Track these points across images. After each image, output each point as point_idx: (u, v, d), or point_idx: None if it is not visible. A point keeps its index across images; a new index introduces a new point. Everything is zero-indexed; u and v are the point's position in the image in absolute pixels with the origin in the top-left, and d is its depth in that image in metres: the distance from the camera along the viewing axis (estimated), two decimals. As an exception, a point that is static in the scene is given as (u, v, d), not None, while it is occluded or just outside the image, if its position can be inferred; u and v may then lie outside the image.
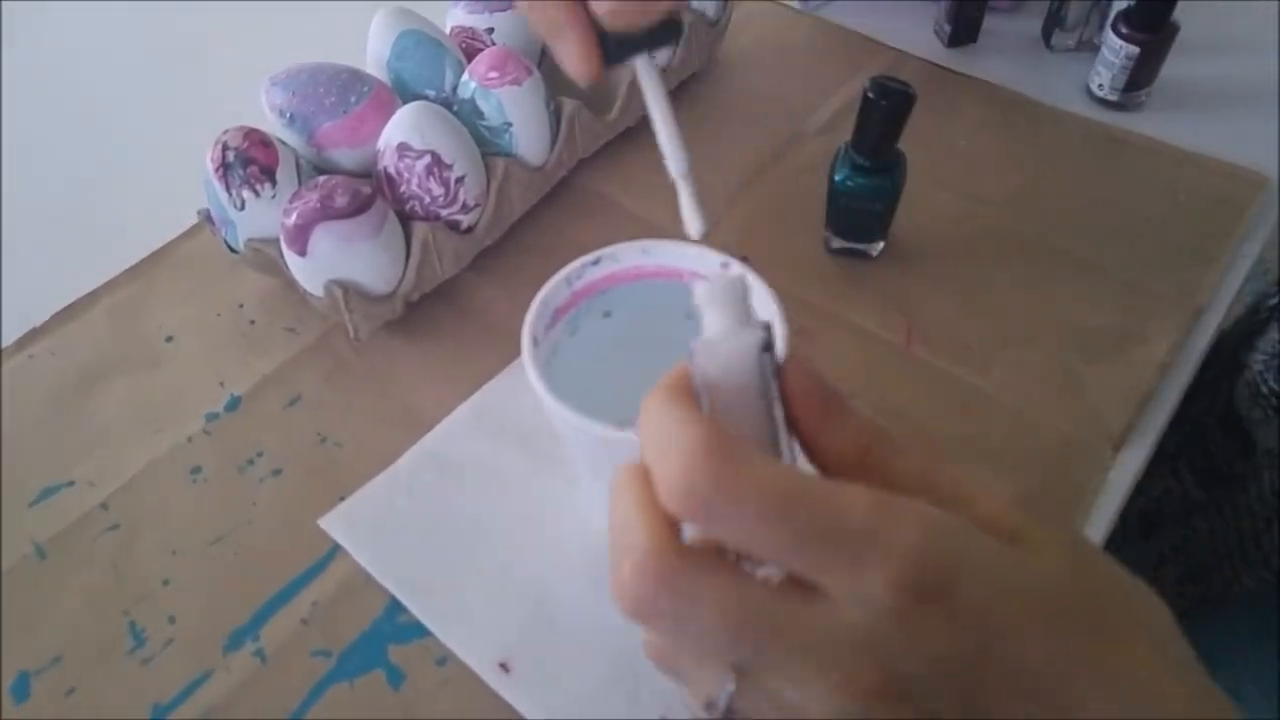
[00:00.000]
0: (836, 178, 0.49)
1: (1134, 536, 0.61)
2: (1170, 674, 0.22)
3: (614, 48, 0.29)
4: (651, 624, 0.22)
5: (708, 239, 0.33)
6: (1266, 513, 0.56)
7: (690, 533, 0.22)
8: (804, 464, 0.24)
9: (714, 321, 0.23)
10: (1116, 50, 0.59)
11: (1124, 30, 0.59)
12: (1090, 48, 0.65)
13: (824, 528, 0.20)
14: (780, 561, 0.21)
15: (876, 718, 0.21)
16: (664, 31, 0.30)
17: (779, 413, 0.23)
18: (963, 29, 0.66)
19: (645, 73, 0.30)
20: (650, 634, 0.24)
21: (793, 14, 0.71)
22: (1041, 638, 0.21)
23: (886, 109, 0.46)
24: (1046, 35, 0.67)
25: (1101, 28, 0.64)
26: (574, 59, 0.26)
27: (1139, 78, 0.60)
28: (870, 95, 0.45)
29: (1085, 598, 0.22)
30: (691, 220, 0.32)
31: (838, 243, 0.52)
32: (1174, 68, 0.60)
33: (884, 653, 0.21)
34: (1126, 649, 0.22)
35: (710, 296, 0.23)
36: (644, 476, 0.22)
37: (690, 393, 0.23)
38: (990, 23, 0.67)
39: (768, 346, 0.23)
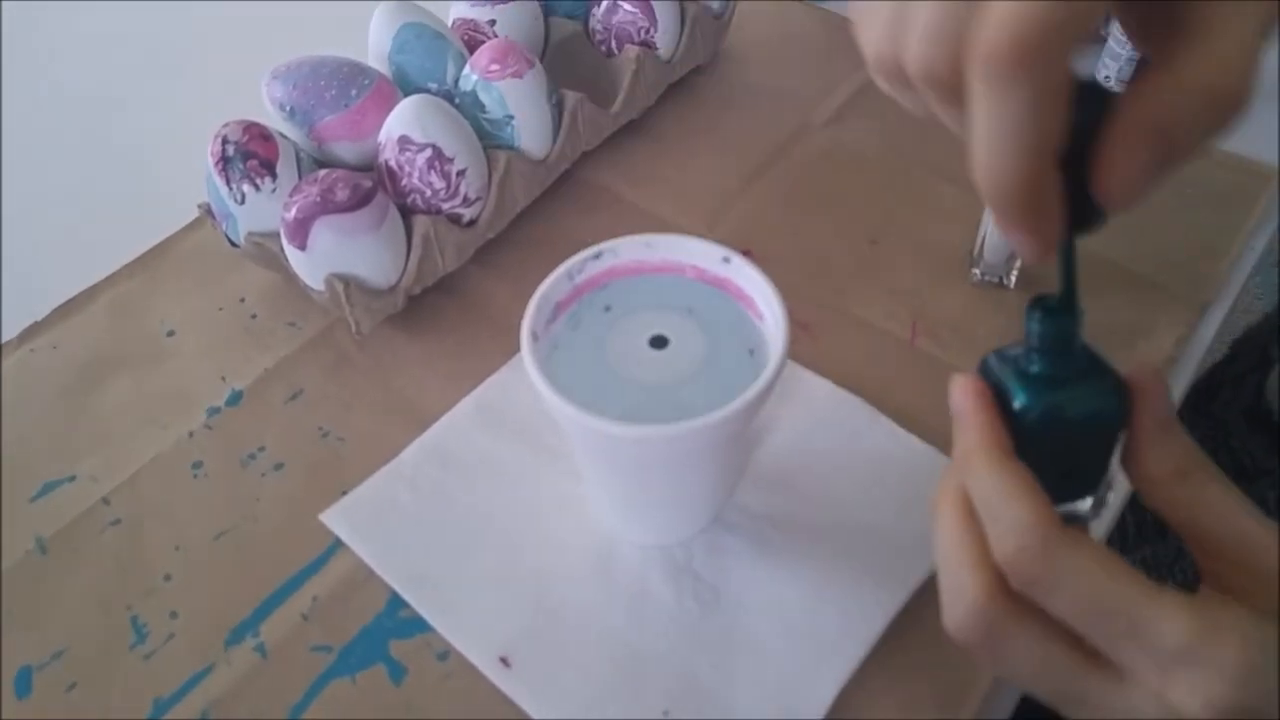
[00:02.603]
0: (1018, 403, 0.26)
1: (1150, 532, 0.61)
2: None
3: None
4: (975, 654, 0.26)
5: (711, 232, 0.33)
6: None
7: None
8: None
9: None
10: (1123, 40, 0.59)
11: (1131, 21, 0.58)
12: (1096, 38, 0.64)
13: (1142, 633, 0.22)
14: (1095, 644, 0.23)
15: None
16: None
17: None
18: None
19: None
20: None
21: (798, 6, 0.70)
22: None
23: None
24: (1053, 26, 0.67)
25: (1108, 18, 0.63)
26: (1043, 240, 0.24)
27: (1146, 69, 0.59)
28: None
29: None
30: None
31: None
32: (1181, 59, 0.59)
33: None
34: None
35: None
36: (971, 522, 0.25)
37: (1012, 452, 0.25)
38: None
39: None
